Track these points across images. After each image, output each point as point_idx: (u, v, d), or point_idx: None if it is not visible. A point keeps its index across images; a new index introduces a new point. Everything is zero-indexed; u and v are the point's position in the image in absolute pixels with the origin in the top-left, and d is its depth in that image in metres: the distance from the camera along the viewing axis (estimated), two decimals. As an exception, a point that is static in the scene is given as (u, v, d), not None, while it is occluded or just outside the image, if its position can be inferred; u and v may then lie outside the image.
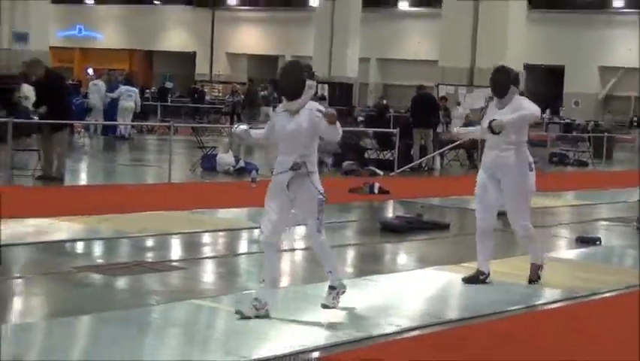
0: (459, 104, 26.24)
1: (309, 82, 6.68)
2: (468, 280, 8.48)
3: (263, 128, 7.33)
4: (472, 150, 22.55)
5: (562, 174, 24.90)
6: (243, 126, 7.46)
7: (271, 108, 24.24)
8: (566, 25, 42.25)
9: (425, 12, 41.01)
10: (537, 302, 8.48)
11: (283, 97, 6.90)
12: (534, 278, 8.56)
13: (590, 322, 7.89)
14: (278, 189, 6.78)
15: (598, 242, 12.12)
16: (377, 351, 6.55)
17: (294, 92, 6.69)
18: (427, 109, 21.83)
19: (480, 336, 7.09)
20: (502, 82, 8.26)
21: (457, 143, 21.90)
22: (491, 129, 8.00)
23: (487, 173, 8.40)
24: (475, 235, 8.64)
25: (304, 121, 6.60)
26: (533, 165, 8.46)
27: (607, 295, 8.91)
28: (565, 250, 12.09)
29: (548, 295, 8.77)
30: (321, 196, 6.74)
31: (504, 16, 25.26)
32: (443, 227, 12.62)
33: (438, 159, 22.47)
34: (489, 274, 8.54)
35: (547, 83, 40.25)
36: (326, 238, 7.12)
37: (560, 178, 23.06)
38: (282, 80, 7.00)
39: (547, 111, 34.96)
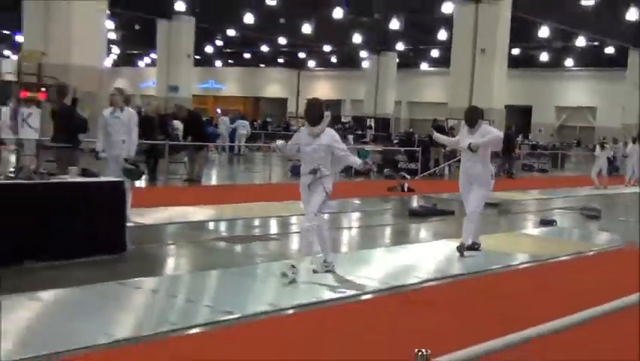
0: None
1: (326, 113, 7.47)
2: (458, 249, 9.07)
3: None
4: None
5: (530, 178, 27.37)
6: (281, 141, 8.08)
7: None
8: (534, 79, 47.06)
9: (439, 71, 44.60)
10: (512, 263, 9.25)
11: (307, 122, 7.48)
12: (461, 249, 9.02)
13: (550, 278, 8.47)
14: (304, 187, 7.50)
15: (554, 223, 13.24)
16: (408, 295, 7.17)
17: (315, 120, 7.38)
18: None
19: (471, 287, 7.76)
20: (472, 116, 9.10)
21: (458, 158, 24.88)
22: (470, 149, 8.91)
23: (464, 176, 9.23)
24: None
25: (323, 142, 7.34)
26: (494, 174, 9.32)
27: (562, 258, 9.83)
28: (531, 229, 13.16)
29: (521, 258, 9.62)
30: (325, 193, 7.33)
31: (491, 73, 27.25)
32: (450, 213, 13.72)
33: (447, 168, 24.42)
34: (475, 245, 9.22)
35: (520, 117, 43.85)
36: (323, 222, 7.56)
37: (528, 181, 25.70)
38: (308, 111, 7.55)
39: (520, 136, 38.36)
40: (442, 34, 33.15)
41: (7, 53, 50.73)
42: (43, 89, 8.00)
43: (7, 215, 7.34)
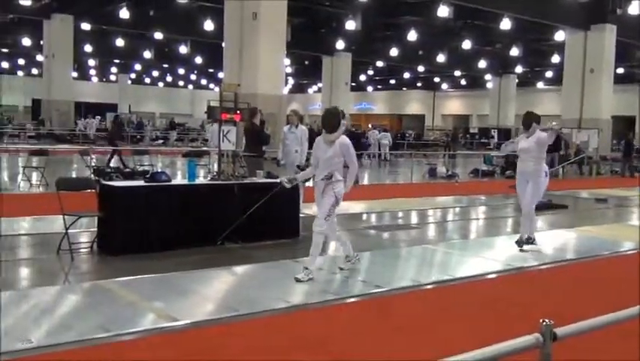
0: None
1: (342, 121, 6.26)
2: (517, 243, 8.12)
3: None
4: (581, 164, 23.53)
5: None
6: (296, 175, 7.17)
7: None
8: (635, 92, 43.35)
9: (552, 88, 42.68)
10: (619, 250, 8.48)
11: (324, 130, 6.26)
12: (520, 243, 8.12)
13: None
14: (317, 191, 6.41)
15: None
16: (528, 275, 6.90)
17: (333, 128, 6.19)
18: (555, 141, 23.64)
19: (583, 269, 7.62)
20: (528, 121, 8.11)
21: (572, 160, 23.03)
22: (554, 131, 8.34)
23: (520, 176, 8.11)
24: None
25: (337, 149, 6.14)
26: (547, 172, 8.18)
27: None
28: (635, 221, 12.18)
29: (627, 245, 8.80)
30: (335, 198, 6.22)
31: (599, 88, 25.91)
32: (564, 207, 13.26)
33: (560, 170, 22.66)
34: (529, 239, 8.14)
35: (625, 126, 41.00)
36: (332, 227, 6.49)
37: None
38: (325, 119, 6.33)
39: (623, 141, 35.95)
40: (555, 58, 31.99)
41: (211, 85, 53.74)
42: (238, 112, 8.28)
43: (212, 207, 7.68)
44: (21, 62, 44.98)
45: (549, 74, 40.61)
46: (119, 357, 4.01)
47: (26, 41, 33.02)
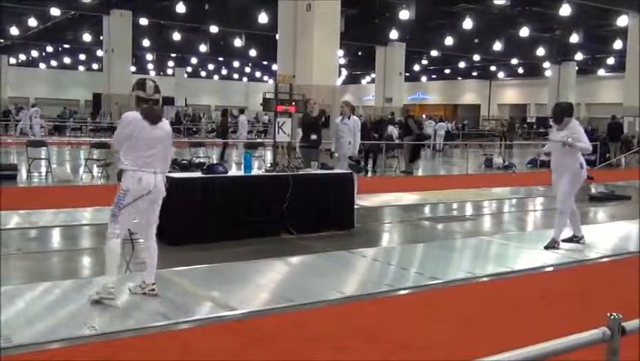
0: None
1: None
2: (545, 248, 7.43)
3: None
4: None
5: None
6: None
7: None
8: None
9: (614, 75, 41.10)
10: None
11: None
12: (549, 246, 7.43)
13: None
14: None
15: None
16: (589, 268, 6.80)
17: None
18: (616, 130, 22.68)
19: None
20: (558, 113, 7.53)
21: (636, 149, 22.36)
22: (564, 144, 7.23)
23: (554, 171, 7.57)
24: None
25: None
26: (583, 164, 7.44)
27: None
28: None
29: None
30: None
31: None
32: (627, 198, 13.03)
33: (623, 159, 22.48)
34: (574, 237, 7.67)
35: None
36: None
37: None
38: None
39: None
40: (618, 44, 30.76)
41: (265, 77, 54.17)
42: (293, 103, 8.31)
43: (266, 198, 7.74)
44: (82, 57, 46.29)
45: (610, 60, 39.20)
46: (179, 344, 4.08)
47: (87, 37, 33.93)
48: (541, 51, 35.72)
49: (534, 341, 1.97)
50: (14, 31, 32.88)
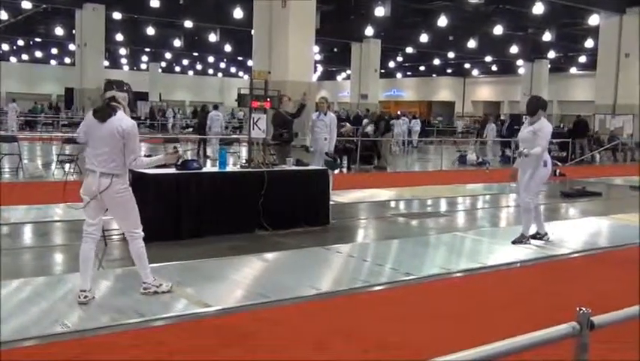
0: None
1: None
2: (513, 242, 7.52)
3: None
4: (615, 151, 23.25)
5: None
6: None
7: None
8: None
9: (586, 73, 41.62)
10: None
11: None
12: (517, 241, 7.52)
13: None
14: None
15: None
16: (560, 264, 6.81)
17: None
18: (582, 128, 22.68)
19: (619, 257, 7.33)
20: (534, 105, 7.45)
21: (607, 146, 22.65)
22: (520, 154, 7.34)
23: (519, 167, 7.63)
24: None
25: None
26: (547, 163, 7.44)
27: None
28: None
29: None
30: None
31: (634, 73, 25.11)
32: (597, 194, 13.08)
33: (597, 156, 22.55)
34: (537, 234, 7.70)
35: None
36: None
37: None
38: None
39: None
40: (589, 43, 31.26)
41: (240, 73, 53.89)
42: (268, 99, 8.29)
43: (241, 195, 7.71)
44: (54, 51, 45.58)
45: (583, 59, 39.82)
46: (153, 341, 4.05)
47: (59, 31, 33.42)
48: (514, 49, 36.12)
49: (506, 336, 1.98)
50: (-16, 24, 32.25)
